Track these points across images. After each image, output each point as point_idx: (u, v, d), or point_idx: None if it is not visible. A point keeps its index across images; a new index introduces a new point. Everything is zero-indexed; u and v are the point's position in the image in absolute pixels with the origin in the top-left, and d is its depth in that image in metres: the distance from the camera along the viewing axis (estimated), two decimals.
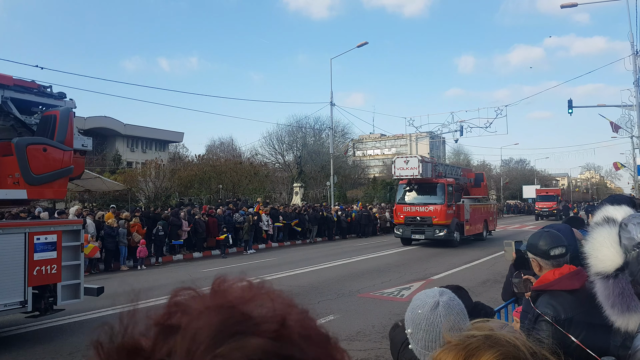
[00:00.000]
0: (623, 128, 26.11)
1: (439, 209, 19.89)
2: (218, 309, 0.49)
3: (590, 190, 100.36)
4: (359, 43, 29.14)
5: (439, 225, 19.85)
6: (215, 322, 0.47)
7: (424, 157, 20.60)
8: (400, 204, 21.17)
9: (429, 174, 20.22)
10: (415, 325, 1.58)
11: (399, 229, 21.07)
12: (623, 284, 1.48)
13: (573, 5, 23.10)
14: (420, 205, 20.50)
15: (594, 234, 1.61)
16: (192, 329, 0.47)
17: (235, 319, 0.48)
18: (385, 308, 9.28)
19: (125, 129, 52.75)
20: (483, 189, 25.94)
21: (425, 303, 1.58)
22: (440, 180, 20.53)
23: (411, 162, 20.01)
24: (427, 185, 20.59)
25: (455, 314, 1.56)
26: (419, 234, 20.47)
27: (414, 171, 19.82)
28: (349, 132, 50.66)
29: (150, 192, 28.81)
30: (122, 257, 15.83)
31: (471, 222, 22.01)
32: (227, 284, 0.53)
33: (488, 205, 25.93)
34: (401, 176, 20.56)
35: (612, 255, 1.51)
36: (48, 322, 8.45)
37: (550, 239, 2.62)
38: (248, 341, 0.46)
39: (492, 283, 11.44)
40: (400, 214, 21.07)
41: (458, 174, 23.80)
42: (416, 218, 20.42)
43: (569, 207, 48.28)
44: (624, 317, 1.51)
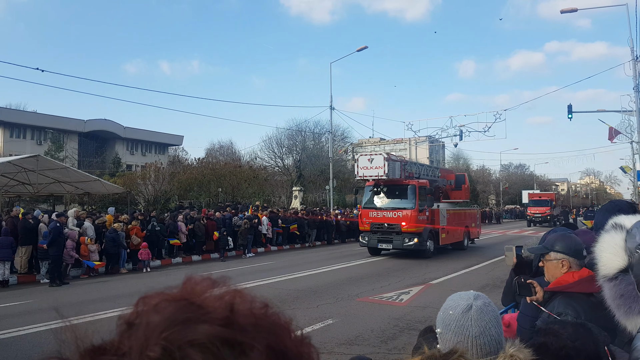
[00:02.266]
0: (623, 133, 26.15)
1: (409, 215, 17.58)
2: (172, 301, 0.53)
3: (590, 196, 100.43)
4: (359, 47, 29.23)
5: (408, 233, 17.57)
6: (167, 312, 0.51)
7: (390, 155, 18.13)
8: (366, 209, 18.82)
9: (397, 174, 18.02)
10: (445, 325, 1.55)
11: (364, 237, 18.66)
12: (623, 286, 1.49)
13: (573, 10, 23.17)
14: (387, 210, 18.18)
15: (601, 240, 1.63)
16: (146, 320, 0.51)
17: (186, 309, 0.52)
18: (385, 312, 9.25)
19: (125, 131, 52.83)
20: (464, 192, 23.65)
21: (458, 305, 1.55)
22: (411, 182, 18.21)
23: (376, 160, 17.69)
24: (395, 187, 18.43)
25: (487, 320, 1.52)
26: (386, 243, 18.09)
27: (378, 171, 17.51)
28: (348, 136, 50.73)
29: (149, 195, 28.80)
30: (121, 260, 15.81)
31: (448, 229, 19.68)
32: (190, 282, 0.57)
33: (470, 211, 23.70)
34: (364, 176, 18.23)
35: (615, 257, 1.52)
36: (46, 324, 8.43)
37: (578, 240, 2.65)
38: (195, 326, 0.50)
39: (491, 288, 11.42)
40: (365, 220, 18.73)
41: (435, 175, 21.86)
42: (383, 225, 18.13)
43: (567, 212, 47.87)
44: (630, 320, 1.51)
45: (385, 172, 17.34)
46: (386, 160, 17.39)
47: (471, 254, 19.38)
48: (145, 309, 0.53)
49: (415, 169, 20.01)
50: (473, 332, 1.49)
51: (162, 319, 0.50)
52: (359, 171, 18.18)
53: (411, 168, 19.49)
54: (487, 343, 1.50)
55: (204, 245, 19.43)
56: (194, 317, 0.51)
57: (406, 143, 76.47)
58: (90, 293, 11.91)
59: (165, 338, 0.48)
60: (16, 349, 7.16)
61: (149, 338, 0.49)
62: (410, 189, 17.97)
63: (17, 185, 20.41)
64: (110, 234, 15.44)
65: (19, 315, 9.35)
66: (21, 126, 45.93)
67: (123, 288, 12.50)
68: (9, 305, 10.36)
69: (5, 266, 12.97)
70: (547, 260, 2.72)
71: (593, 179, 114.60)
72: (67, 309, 9.80)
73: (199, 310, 0.52)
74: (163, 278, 14.28)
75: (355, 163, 18.75)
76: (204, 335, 0.49)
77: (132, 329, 0.51)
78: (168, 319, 0.50)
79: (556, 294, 2.61)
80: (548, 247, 2.74)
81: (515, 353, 1.45)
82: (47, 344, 7.38)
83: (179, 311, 0.51)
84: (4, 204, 22.57)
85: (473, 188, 59.78)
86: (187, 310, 0.51)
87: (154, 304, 0.53)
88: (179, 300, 0.53)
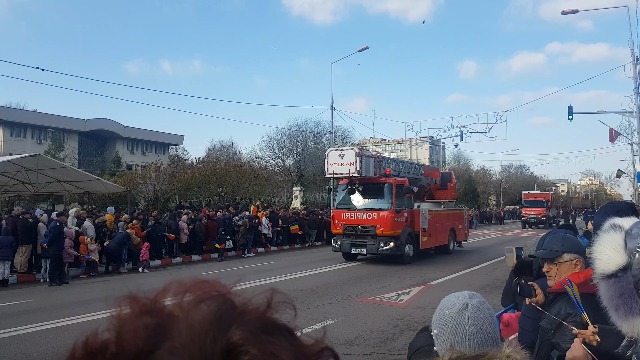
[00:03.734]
0: (623, 135, 26.13)
1: (385, 216, 16.09)
2: (207, 299, 0.51)
3: (590, 197, 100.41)
4: (360, 48, 29.20)
5: (384, 237, 16.14)
6: (213, 308, 0.50)
7: (363, 151, 16.88)
8: (339, 210, 17.29)
9: (371, 172, 16.64)
10: (441, 326, 1.56)
11: (336, 241, 17.18)
12: (623, 284, 1.47)
13: (574, 11, 23.18)
14: (361, 211, 16.70)
15: (600, 239, 1.62)
16: (194, 318, 0.49)
17: (228, 304, 0.51)
18: (384, 313, 9.25)
19: (125, 131, 52.81)
20: (450, 191, 21.89)
21: (454, 304, 1.56)
22: (388, 180, 16.66)
23: (347, 156, 16.31)
24: (370, 185, 16.99)
25: (484, 318, 1.54)
26: (360, 248, 16.64)
27: (350, 167, 16.12)
28: (349, 136, 50.61)
29: (149, 194, 28.80)
30: (122, 260, 15.80)
31: (431, 231, 18.14)
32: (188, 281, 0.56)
33: (456, 211, 21.77)
34: (335, 174, 16.80)
35: (614, 255, 1.51)
36: (45, 324, 8.44)
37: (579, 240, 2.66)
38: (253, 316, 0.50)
39: (491, 289, 11.42)
40: (338, 222, 17.17)
41: (418, 173, 20.33)
42: (357, 227, 16.62)
43: (568, 213, 47.40)
44: (629, 322, 1.50)
45: (358, 169, 16.00)
46: (358, 156, 16.06)
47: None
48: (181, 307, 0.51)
49: (394, 165, 18.51)
50: (470, 330, 1.50)
51: (214, 312, 0.49)
52: (329, 168, 16.83)
53: (388, 165, 17.97)
54: (484, 341, 1.51)
55: (203, 245, 19.44)
56: (241, 310, 0.51)
57: (407, 143, 76.49)
58: (90, 292, 11.90)
59: (240, 329, 0.48)
60: (15, 349, 7.15)
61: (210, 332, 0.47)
62: (386, 187, 16.51)
63: (17, 184, 20.41)
64: (122, 238, 15.41)
65: (19, 314, 9.35)
66: (21, 125, 45.93)
67: (124, 288, 12.44)
68: (9, 304, 10.36)
69: (5, 265, 12.97)
70: (560, 263, 2.70)
71: (593, 180, 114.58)
72: (67, 308, 9.80)
73: (237, 307, 0.52)
74: (163, 278, 14.23)
75: (325, 159, 17.20)
76: (272, 324, 0.50)
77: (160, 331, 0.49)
78: (219, 312, 0.49)
79: (561, 294, 2.60)
80: (558, 249, 2.72)
81: (511, 354, 1.45)
82: (46, 344, 7.38)
83: (225, 305, 0.51)
84: (4, 203, 22.57)
85: (473, 189, 59.94)
86: (230, 305, 0.51)
87: (194, 301, 0.51)
88: (213, 296, 0.52)
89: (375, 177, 16.80)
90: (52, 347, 7.19)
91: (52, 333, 7.96)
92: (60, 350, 7.02)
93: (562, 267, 2.70)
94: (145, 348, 0.48)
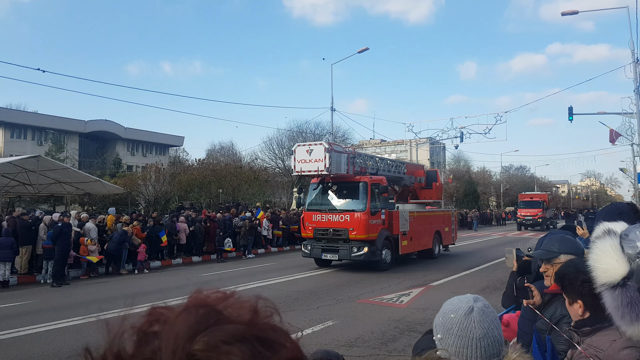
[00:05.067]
0: (623, 136, 26.14)
1: (358, 218, 14.62)
2: (194, 309, 0.54)
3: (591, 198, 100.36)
4: (360, 49, 29.22)
5: (358, 241, 14.66)
6: (192, 319, 0.53)
7: (333, 145, 15.27)
8: (310, 211, 15.71)
9: (343, 169, 15.06)
10: (446, 330, 1.51)
11: (307, 246, 15.62)
12: (631, 292, 1.47)
13: (574, 12, 23.20)
14: (333, 213, 15.20)
15: (595, 246, 1.61)
16: (172, 329, 0.52)
17: (210, 315, 0.54)
18: (385, 314, 9.25)
19: (125, 132, 52.83)
20: (436, 190, 20.35)
21: (459, 308, 1.52)
22: (363, 178, 15.26)
23: (315, 151, 14.71)
24: (343, 184, 15.55)
25: (490, 322, 1.50)
26: (332, 253, 15.08)
27: (318, 164, 14.54)
28: (349, 137, 50.57)
29: (150, 196, 28.80)
30: (122, 261, 15.81)
31: (412, 235, 16.71)
32: (202, 293, 0.59)
33: (442, 213, 20.17)
34: (302, 172, 15.15)
35: (616, 264, 1.51)
36: (46, 325, 8.44)
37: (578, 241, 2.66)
38: (225, 327, 0.52)
39: (491, 290, 11.42)
40: (308, 225, 15.62)
41: (400, 171, 18.83)
42: (328, 230, 15.13)
43: (570, 215, 46.65)
44: (634, 328, 1.50)
45: (327, 166, 14.42)
46: (328, 152, 14.48)
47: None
48: (168, 316, 0.54)
49: (372, 163, 17.11)
50: (477, 334, 1.47)
51: (190, 325, 0.52)
52: (296, 165, 15.18)
53: (365, 162, 16.59)
54: (491, 344, 1.48)
55: (203, 246, 19.46)
56: (220, 321, 0.53)
57: (407, 144, 76.52)
58: (90, 294, 11.92)
59: (202, 340, 0.50)
60: (16, 350, 7.16)
61: (181, 342, 0.50)
62: (361, 186, 15.09)
63: (17, 185, 20.42)
64: (119, 236, 15.42)
65: (19, 315, 9.36)
66: (22, 127, 45.95)
67: (124, 289, 12.50)
68: (9, 305, 10.37)
69: (5, 267, 12.98)
70: (557, 264, 2.70)
71: (593, 181, 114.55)
72: (68, 309, 9.80)
73: (221, 314, 0.54)
74: (163, 279, 14.28)
75: (292, 155, 15.63)
76: (238, 333, 0.52)
77: (152, 340, 0.52)
78: (195, 323, 0.52)
79: (557, 296, 2.61)
80: (555, 250, 2.72)
81: (517, 359, 1.45)
82: (47, 345, 7.39)
83: (204, 316, 0.53)
84: (4, 205, 22.59)
85: (474, 190, 59.92)
86: (211, 315, 0.54)
87: (175, 314, 0.54)
88: (198, 307, 0.55)
89: (348, 175, 15.30)
90: (53, 348, 7.19)
91: (52, 334, 7.96)
92: (61, 351, 7.03)
93: (558, 268, 2.70)
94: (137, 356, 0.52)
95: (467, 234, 34.84)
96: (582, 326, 1.84)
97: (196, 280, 13.62)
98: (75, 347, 7.15)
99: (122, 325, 0.54)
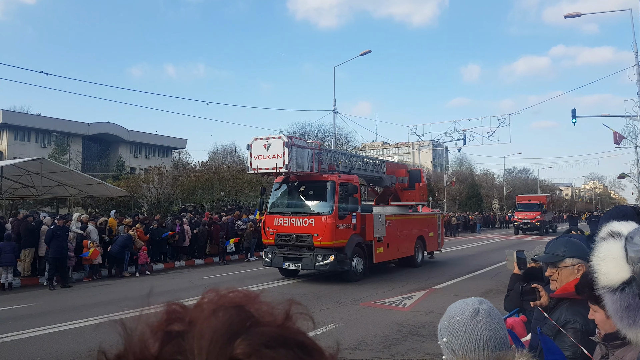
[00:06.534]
0: (627, 138, 26.06)
1: (324, 222, 12.91)
2: (226, 309, 0.52)
3: (594, 201, 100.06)
4: (363, 51, 29.23)
5: (323, 248, 13.00)
6: (227, 320, 0.50)
7: (294, 139, 13.47)
8: (271, 215, 14.03)
9: (306, 166, 13.38)
10: (452, 333, 1.52)
11: (267, 254, 13.92)
12: (630, 297, 1.47)
13: (577, 15, 23.15)
14: (296, 216, 13.45)
15: (599, 248, 1.60)
16: (206, 329, 0.49)
17: (245, 316, 0.51)
18: (388, 317, 9.22)
19: (128, 135, 53.02)
20: (419, 191, 18.53)
21: (465, 310, 1.53)
22: (330, 177, 13.53)
23: (274, 146, 13.01)
24: (309, 184, 13.94)
25: (496, 323, 1.52)
26: (294, 262, 13.35)
27: (277, 161, 12.87)
28: (351, 139, 50.68)
29: (152, 198, 28.83)
30: (125, 263, 15.82)
31: (389, 240, 15.01)
32: (223, 291, 0.56)
33: (425, 216, 18.55)
34: (259, 169, 13.38)
35: (618, 268, 1.50)
36: (49, 327, 8.44)
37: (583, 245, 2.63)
38: (264, 329, 0.50)
39: (495, 293, 11.36)
40: (269, 230, 13.90)
41: (379, 170, 17.16)
42: (291, 236, 13.41)
43: (574, 218, 46.13)
44: (632, 331, 1.50)
45: (286, 163, 12.75)
46: (287, 146, 12.78)
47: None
48: (195, 315, 0.52)
49: (344, 160, 15.29)
50: (484, 336, 1.48)
51: (228, 324, 0.50)
52: (253, 162, 13.47)
53: (336, 159, 14.84)
54: (497, 346, 1.49)
55: (205, 249, 19.46)
56: (257, 322, 0.51)
57: (410, 147, 76.51)
58: (93, 296, 11.92)
59: (243, 343, 0.48)
60: (19, 352, 7.15)
61: (218, 344, 0.48)
62: (328, 186, 13.35)
63: (21, 188, 20.48)
64: (124, 239, 15.42)
65: (22, 318, 9.36)
66: (25, 129, 46.14)
67: (127, 291, 12.50)
68: (12, 308, 10.38)
69: (8, 271, 13.00)
70: (562, 268, 2.68)
71: (597, 184, 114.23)
72: (71, 312, 9.81)
73: (254, 316, 0.52)
74: (167, 281, 14.28)
75: (249, 151, 13.71)
76: (280, 337, 0.50)
77: (177, 338, 0.50)
78: (233, 324, 0.50)
79: (562, 300, 2.58)
80: (561, 253, 2.70)
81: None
82: (49, 348, 7.38)
83: (240, 317, 0.51)
84: (8, 207, 22.64)
85: (476, 192, 59.82)
86: (247, 317, 0.51)
87: (207, 311, 0.52)
88: (231, 307, 0.52)
89: (314, 173, 13.69)
90: (56, 351, 7.19)
91: (55, 337, 7.96)
92: (63, 354, 7.03)
93: (563, 271, 2.68)
94: (162, 356, 0.49)
95: (471, 237, 34.80)
96: (614, 339, 1.83)
97: (199, 283, 13.61)
98: (77, 349, 7.15)
99: (139, 324, 0.52)
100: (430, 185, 52.90)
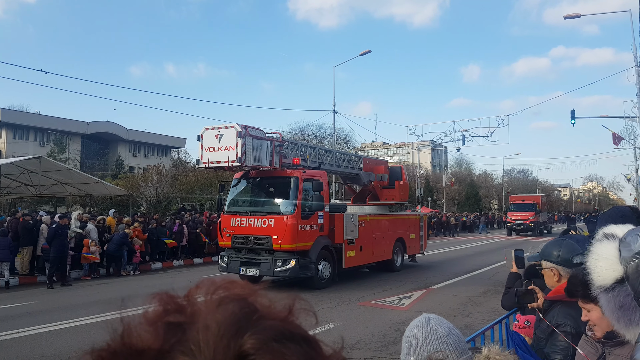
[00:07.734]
0: (626, 139, 26.10)
1: (285, 223, 11.64)
2: (230, 302, 0.51)
3: (593, 202, 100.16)
4: (363, 51, 29.23)
5: (284, 252, 11.76)
6: (233, 313, 0.49)
7: (249, 129, 11.60)
8: (228, 214, 12.74)
9: (266, 160, 11.99)
10: (414, 346, 1.61)
11: (223, 258, 12.64)
12: (622, 297, 1.48)
13: (576, 16, 23.17)
14: (255, 216, 12.16)
15: (594, 249, 1.62)
16: (211, 322, 0.48)
17: (250, 309, 0.51)
18: (386, 317, 9.23)
19: (127, 134, 52.93)
20: (399, 190, 16.97)
21: (418, 322, 1.67)
22: (293, 173, 12.26)
23: (226, 137, 11.52)
24: (270, 181, 12.82)
25: (448, 324, 1.65)
26: (252, 267, 12.00)
27: (229, 153, 11.42)
28: (351, 139, 50.66)
29: (151, 197, 28.81)
30: (123, 262, 15.80)
31: (363, 243, 13.73)
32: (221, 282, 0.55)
33: (406, 216, 17.37)
34: (210, 163, 11.91)
35: (610, 267, 1.51)
36: (47, 326, 8.43)
37: (570, 247, 2.60)
38: (270, 323, 0.50)
39: (492, 293, 11.38)
40: (226, 232, 12.62)
41: (355, 167, 15.74)
42: (249, 238, 12.14)
43: (572, 218, 46.33)
44: (629, 331, 1.51)
45: (239, 156, 11.28)
46: (241, 137, 11.29)
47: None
48: (196, 308, 0.51)
49: (312, 155, 13.86)
50: (442, 333, 1.60)
51: (234, 318, 0.49)
52: (204, 154, 11.99)
53: (302, 153, 13.50)
54: (458, 340, 1.61)
55: (204, 248, 19.46)
56: (263, 316, 0.50)
57: (409, 147, 76.50)
58: (92, 295, 11.92)
59: (253, 337, 0.47)
60: (17, 351, 7.15)
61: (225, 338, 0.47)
62: (291, 182, 12.09)
63: (19, 186, 20.45)
64: (120, 238, 15.41)
65: (20, 316, 9.36)
66: (24, 127, 46.05)
67: (125, 290, 12.50)
68: (10, 306, 10.37)
69: (2, 267, 12.97)
70: (543, 269, 2.70)
71: (595, 185, 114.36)
72: (69, 310, 9.80)
73: (259, 310, 0.51)
74: (166, 280, 14.28)
75: (200, 142, 12.14)
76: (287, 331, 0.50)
77: (178, 330, 0.49)
78: (239, 318, 0.49)
79: (555, 302, 2.59)
80: (541, 255, 2.72)
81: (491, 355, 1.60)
82: (47, 346, 7.38)
83: (245, 311, 0.50)
84: (6, 206, 22.62)
85: (475, 192, 59.87)
86: (252, 310, 0.51)
87: (211, 304, 0.51)
88: (235, 300, 0.51)
89: (275, 168, 12.38)
90: (54, 349, 7.19)
91: (53, 335, 7.96)
92: (61, 352, 7.02)
93: (544, 273, 2.69)
94: (163, 348, 0.48)
95: (470, 237, 34.89)
96: (614, 337, 1.84)
97: None
98: (75, 348, 7.15)
99: (136, 319, 0.51)
100: (429, 185, 52.97)
